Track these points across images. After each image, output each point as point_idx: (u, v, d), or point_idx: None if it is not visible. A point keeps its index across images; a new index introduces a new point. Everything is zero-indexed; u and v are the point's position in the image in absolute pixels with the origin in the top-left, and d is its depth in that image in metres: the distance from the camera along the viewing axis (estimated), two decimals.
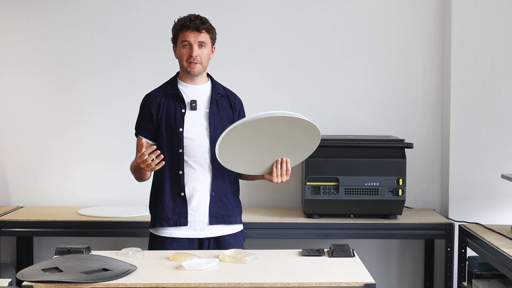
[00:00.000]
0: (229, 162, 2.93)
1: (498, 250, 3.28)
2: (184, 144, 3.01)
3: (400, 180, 3.80)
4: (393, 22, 4.24)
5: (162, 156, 2.89)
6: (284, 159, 2.96)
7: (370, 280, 2.46)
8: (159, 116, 3.04)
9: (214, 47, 3.11)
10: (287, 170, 2.98)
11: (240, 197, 3.20)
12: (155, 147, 2.90)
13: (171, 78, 3.14)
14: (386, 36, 4.24)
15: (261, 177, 3.06)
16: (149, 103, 3.08)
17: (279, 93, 4.25)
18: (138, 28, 4.24)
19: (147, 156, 2.87)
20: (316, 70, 4.26)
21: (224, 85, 3.19)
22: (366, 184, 3.79)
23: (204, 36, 3.02)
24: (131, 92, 4.11)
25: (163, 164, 2.91)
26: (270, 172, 2.99)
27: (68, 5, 4.25)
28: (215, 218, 3.04)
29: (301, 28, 4.24)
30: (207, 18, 3.06)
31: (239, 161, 2.94)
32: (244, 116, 3.16)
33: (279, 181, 2.99)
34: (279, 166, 2.97)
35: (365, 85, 4.26)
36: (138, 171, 3.04)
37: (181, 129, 3.01)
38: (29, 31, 4.26)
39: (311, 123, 2.84)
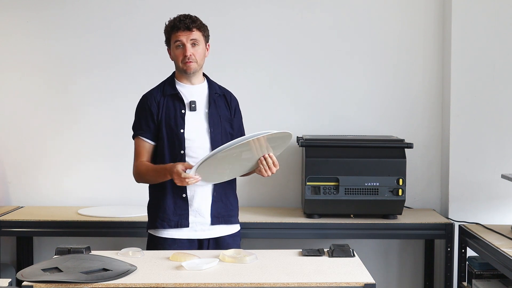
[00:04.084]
0: (212, 180, 2.94)
1: (498, 250, 3.28)
2: (186, 145, 3.00)
3: (400, 180, 3.79)
4: (393, 23, 4.23)
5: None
6: (266, 154, 2.90)
7: (370, 280, 2.46)
8: (159, 116, 3.03)
9: (209, 45, 3.09)
10: (273, 162, 2.92)
11: (240, 197, 3.20)
12: (191, 175, 2.82)
13: (168, 78, 3.13)
14: (386, 36, 4.24)
15: (252, 172, 3.04)
16: (148, 103, 3.04)
17: (280, 93, 4.25)
18: (137, 27, 4.24)
19: (185, 178, 2.82)
20: (316, 70, 4.25)
21: (222, 84, 3.19)
22: (366, 184, 3.79)
23: (196, 34, 3.01)
24: (130, 92, 4.09)
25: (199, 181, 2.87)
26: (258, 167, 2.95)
27: (68, 5, 4.25)
28: (216, 218, 3.04)
29: (302, 29, 4.24)
30: (197, 16, 3.05)
31: (221, 177, 2.95)
32: (240, 114, 3.16)
33: (269, 174, 2.94)
34: (264, 162, 2.91)
35: (365, 85, 4.26)
36: (157, 178, 2.98)
37: (182, 130, 3.00)
38: (29, 31, 4.25)
39: (277, 132, 2.79)
